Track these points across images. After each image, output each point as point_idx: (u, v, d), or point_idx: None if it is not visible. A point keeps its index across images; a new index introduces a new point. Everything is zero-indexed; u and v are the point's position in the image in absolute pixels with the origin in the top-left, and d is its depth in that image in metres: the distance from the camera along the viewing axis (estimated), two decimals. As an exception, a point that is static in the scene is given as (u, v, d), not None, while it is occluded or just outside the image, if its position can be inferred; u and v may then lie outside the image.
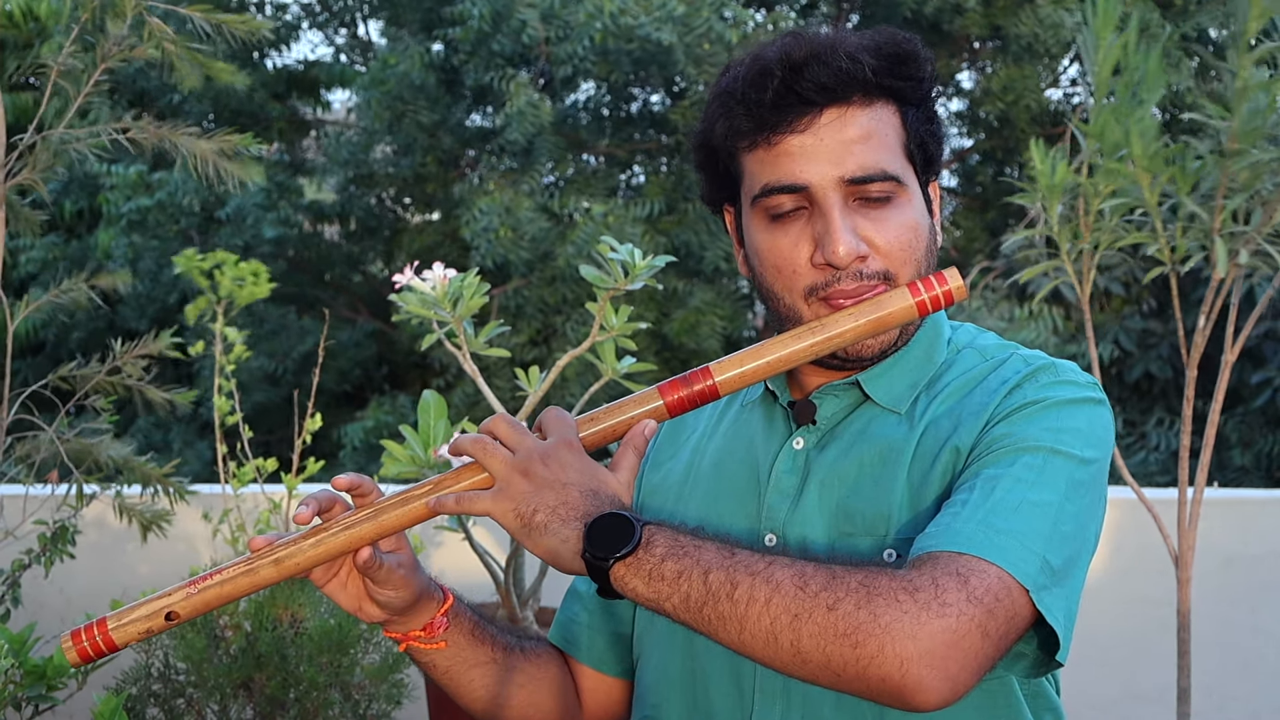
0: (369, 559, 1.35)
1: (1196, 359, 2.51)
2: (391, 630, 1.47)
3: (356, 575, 1.41)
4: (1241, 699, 3.71)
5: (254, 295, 3.12)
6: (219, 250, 3.21)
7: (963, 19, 8.23)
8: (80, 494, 2.67)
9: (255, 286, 3.09)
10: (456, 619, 1.49)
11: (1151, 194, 2.38)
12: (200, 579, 1.33)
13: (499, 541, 3.40)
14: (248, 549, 1.34)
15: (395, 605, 1.42)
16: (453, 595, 1.49)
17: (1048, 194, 2.51)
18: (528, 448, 1.31)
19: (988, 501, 1.25)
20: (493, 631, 1.53)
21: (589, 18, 7.37)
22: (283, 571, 1.33)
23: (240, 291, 3.09)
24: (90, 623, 1.33)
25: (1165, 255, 2.46)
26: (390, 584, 1.39)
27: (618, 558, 1.21)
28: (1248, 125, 2.27)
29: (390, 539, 1.41)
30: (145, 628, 1.32)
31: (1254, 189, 2.33)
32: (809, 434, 1.45)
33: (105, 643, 1.32)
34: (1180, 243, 2.43)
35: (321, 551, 1.33)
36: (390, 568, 1.38)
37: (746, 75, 1.40)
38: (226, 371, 3.15)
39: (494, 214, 7.59)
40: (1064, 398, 1.35)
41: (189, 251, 3.10)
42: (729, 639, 1.19)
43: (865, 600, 1.15)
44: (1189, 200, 2.34)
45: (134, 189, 8.86)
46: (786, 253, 1.39)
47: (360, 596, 1.41)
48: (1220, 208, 2.34)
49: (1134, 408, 8.01)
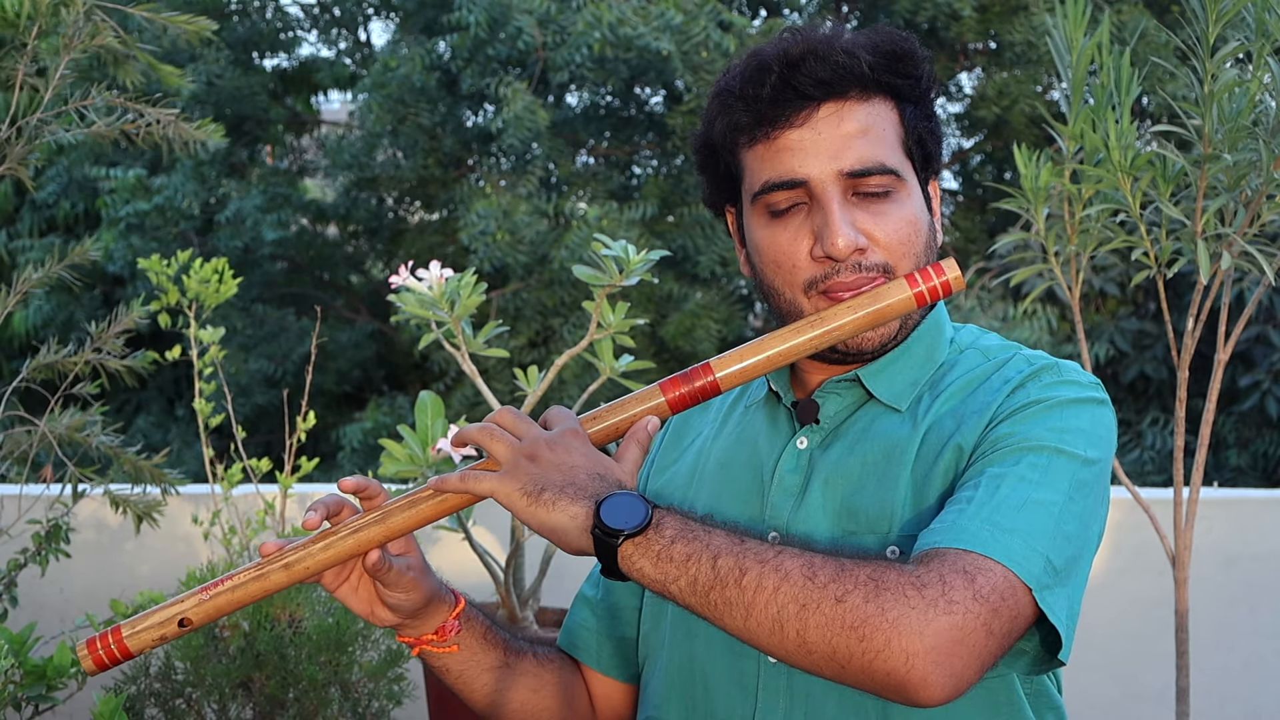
0: (378, 561, 1.35)
1: (1187, 360, 2.51)
2: (404, 634, 1.47)
3: (368, 579, 1.41)
4: (1241, 699, 3.71)
5: (222, 296, 3.09)
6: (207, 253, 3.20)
7: (958, 25, 8.26)
8: (76, 490, 2.67)
9: (222, 286, 3.06)
10: (468, 623, 1.49)
11: (1133, 198, 2.38)
12: (212, 585, 1.33)
13: (499, 541, 3.40)
14: (258, 553, 1.34)
15: (406, 608, 1.42)
16: (464, 599, 1.49)
17: (1033, 198, 2.52)
18: (534, 435, 1.31)
19: (992, 500, 1.26)
20: (505, 636, 1.54)
21: (588, 26, 7.37)
22: (293, 576, 1.33)
23: (208, 292, 3.06)
24: (105, 631, 1.34)
25: (1150, 259, 2.47)
26: (400, 587, 1.39)
27: (628, 535, 1.21)
28: (1218, 130, 2.27)
29: (399, 542, 1.41)
30: (159, 634, 1.33)
31: (1237, 190, 2.33)
32: (812, 433, 1.46)
33: (120, 650, 1.33)
34: (1165, 245, 2.43)
35: (331, 555, 1.34)
36: (400, 570, 1.39)
37: (745, 72, 1.41)
38: (206, 374, 3.14)
39: (491, 217, 7.59)
40: (1067, 398, 1.36)
41: (154, 258, 3.08)
42: (734, 625, 1.19)
43: (874, 594, 1.16)
44: (1167, 204, 2.34)
45: (133, 192, 8.85)
46: (786, 247, 1.40)
47: (372, 600, 1.42)
48: (1200, 210, 2.34)
49: (1129, 408, 8.02)
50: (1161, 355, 7.83)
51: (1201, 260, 2.30)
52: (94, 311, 9.13)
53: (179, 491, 2.76)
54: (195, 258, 3.14)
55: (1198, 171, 2.31)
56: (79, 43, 2.33)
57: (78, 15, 2.30)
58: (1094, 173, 2.37)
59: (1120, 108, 2.33)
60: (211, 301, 3.08)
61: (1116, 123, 2.30)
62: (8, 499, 3.08)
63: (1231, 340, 2.48)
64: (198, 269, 3.07)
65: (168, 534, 3.39)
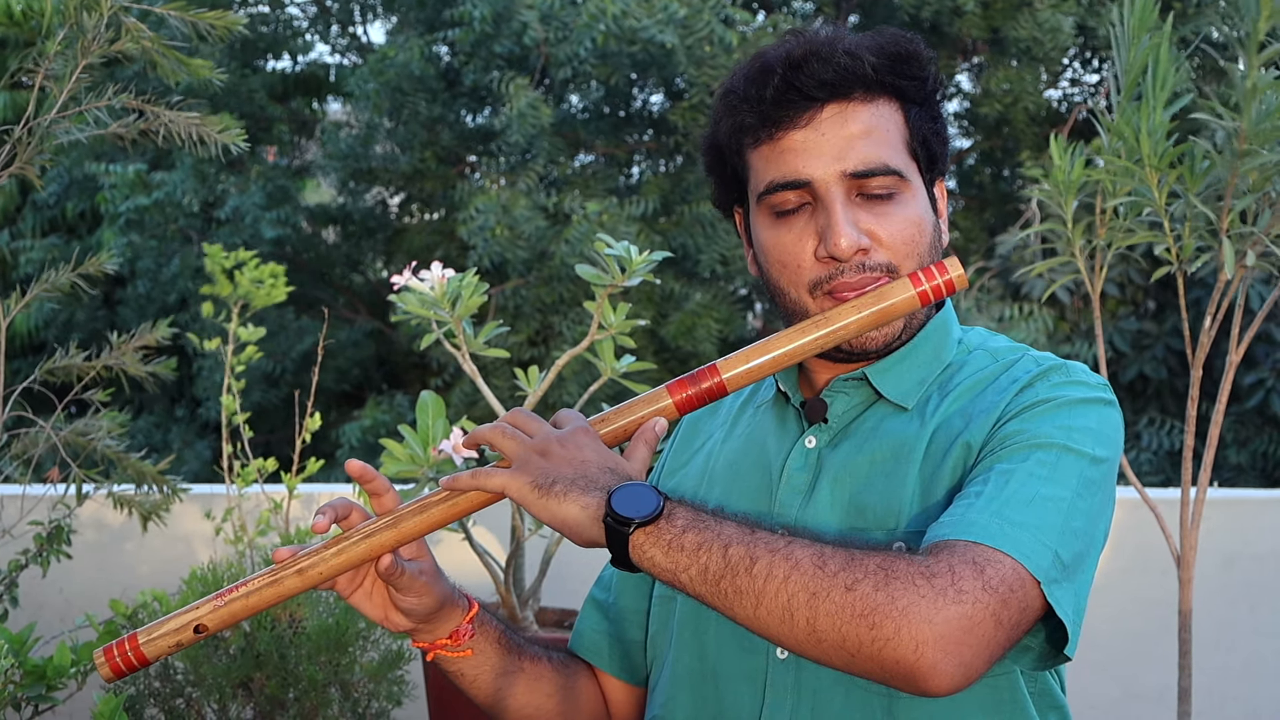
0: (390, 566, 1.36)
1: (1202, 358, 2.51)
2: (419, 639, 1.48)
3: (381, 585, 1.42)
4: (1242, 699, 3.71)
5: (271, 299, 3.11)
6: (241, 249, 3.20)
7: (961, 21, 8.25)
8: (80, 492, 2.66)
9: (274, 289, 3.08)
10: (482, 627, 1.50)
11: (1160, 193, 2.38)
12: (226, 591, 1.34)
13: (499, 541, 3.40)
14: (267, 555, 1.35)
15: (420, 613, 1.43)
16: (477, 604, 1.50)
17: (1064, 191, 2.51)
18: (545, 432, 1.33)
19: (1002, 494, 1.27)
20: (519, 640, 1.55)
21: (591, 19, 7.37)
22: (306, 581, 1.34)
23: (258, 293, 3.08)
24: (121, 638, 1.34)
25: (1173, 254, 2.47)
26: (413, 591, 1.40)
27: (639, 524, 1.21)
28: (1258, 126, 2.27)
29: (411, 547, 1.42)
30: (175, 641, 1.33)
31: (1264, 190, 2.33)
32: (821, 432, 1.47)
33: (137, 657, 1.33)
34: (1188, 242, 2.43)
35: (344, 560, 1.34)
36: (412, 575, 1.39)
37: (749, 73, 1.43)
38: (237, 371, 3.14)
39: (491, 213, 7.59)
40: (1076, 397, 1.37)
41: (216, 247, 3.10)
42: (744, 614, 1.20)
43: (884, 583, 1.16)
44: (1196, 199, 2.34)
45: (133, 188, 8.85)
46: (791, 248, 1.41)
47: (385, 605, 1.43)
48: (1227, 208, 2.34)
49: (1128, 408, 8.03)
50: (1161, 355, 7.83)
51: (1228, 257, 2.30)
52: (95, 310, 9.13)
53: (182, 499, 2.76)
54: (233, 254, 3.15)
55: (1227, 171, 2.31)
56: (99, 47, 2.33)
57: (99, 19, 2.29)
58: (1129, 167, 2.36)
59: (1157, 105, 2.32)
60: (261, 303, 3.10)
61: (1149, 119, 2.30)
62: (10, 499, 3.08)
63: (1246, 339, 2.47)
64: (252, 268, 3.08)
65: (168, 534, 3.38)
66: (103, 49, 2.35)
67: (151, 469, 2.69)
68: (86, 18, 2.31)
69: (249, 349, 3.12)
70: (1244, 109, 2.27)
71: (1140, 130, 2.30)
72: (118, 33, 2.36)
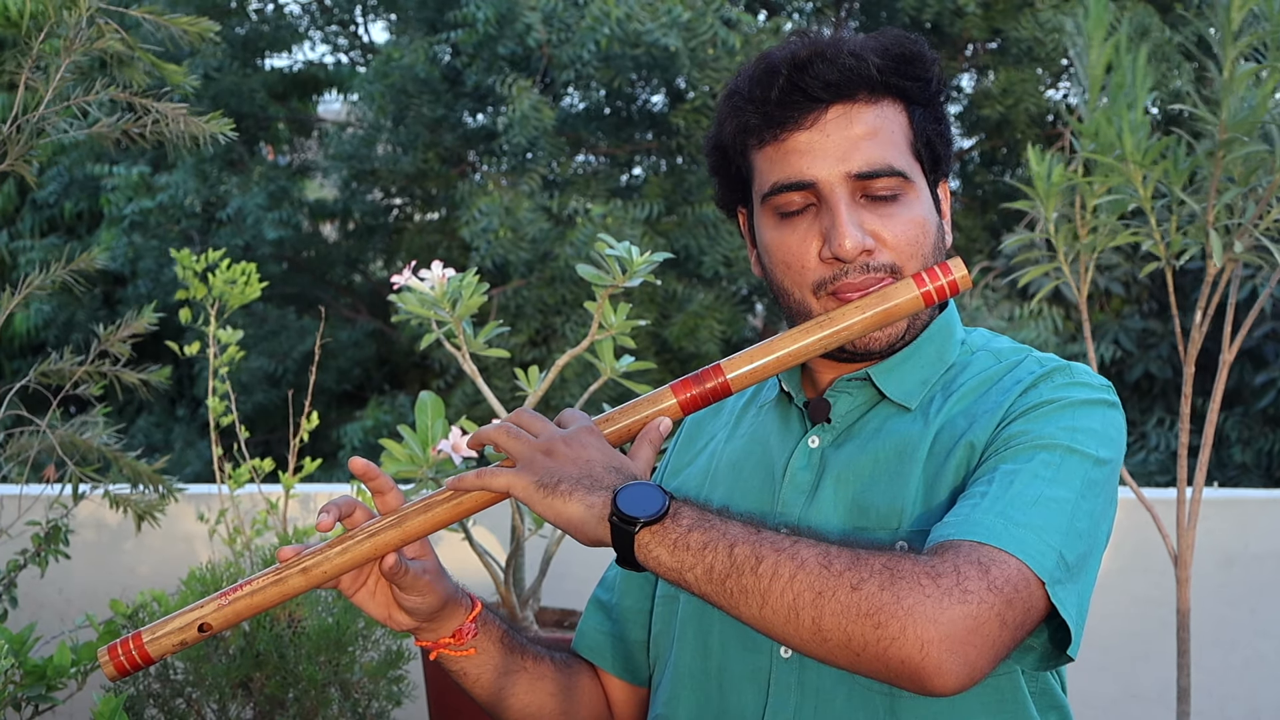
0: (394, 564, 1.36)
1: (1194, 356, 2.52)
2: (422, 638, 1.48)
3: (385, 583, 1.42)
4: (1241, 699, 3.71)
5: (246, 297, 3.10)
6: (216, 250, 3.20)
7: (963, 22, 8.25)
8: (76, 491, 2.66)
9: (247, 288, 3.08)
10: (485, 626, 1.50)
11: (1145, 189, 2.39)
12: (231, 590, 1.34)
13: (499, 541, 3.40)
14: (264, 556, 1.35)
15: (423, 612, 1.43)
16: (481, 603, 1.50)
17: (1044, 197, 2.53)
18: (549, 432, 1.33)
19: (1006, 494, 1.27)
20: (522, 640, 1.55)
21: (596, 22, 7.37)
22: (311, 580, 1.34)
23: (232, 291, 3.07)
24: (125, 637, 1.34)
25: (1160, 250, 2.47)
26: (417, 590, 1.40)
27: (645, 523, 1.22)
28: (1236, 117, 2.29)
29: (414, 545, 1.42)
30: (179, 640, 1.33)
31: (1250, 184, 2.34)
32: (824, 432, 1.47)
33: (141, 656, 1.33)
34: (1175, 237, 2.44)
35: (348, 559, 1.34)
36: (416, 574, 1.39)
37: (754, 75, 1.43)
38: (221, 373, 3.14)
39: (494, 214, 7.59)
40: (1079, 398, 1.37)
41: (184, 252, 3.09)
42: (749, 613, 1.20)
43: (889, 582, 1.16)
44: (1181, 193, 2.35)
45: (135, 190, 8.85)
46: (795, 249, 1.42)
47: (389, 604, 1.43)
48: (1213, 200, 2.35)
49: (1134, 408, 8.02)
50: (1166, 354, 7.81)
51: (1215, 247, 2.31)
52: (95, 311, 9.13)
53: (178, 499, 2.76)
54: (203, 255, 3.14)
55: (1212, 161, 2.32)
56: (80, 45, 2.34)
57: (80, 18, 2.30)
58: (1110, 164, 2.37)
59: (1135, 101, 2.34)
60: (235, 302, 3.10)
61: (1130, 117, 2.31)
62: (7, 499, 3.08)
63: (1239, 336, 2.48)
64: (224, 269, 3.08)
65: (167, 534, 3.38)
66: (85, 47, 2.36)
67: (147, 469, 2.68)
68: (67, 15, 2.32)
69: (230, 349, 3.12)
70: (1223, 100, 2.28)
71: (1122, 128, 2.31)
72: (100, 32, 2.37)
